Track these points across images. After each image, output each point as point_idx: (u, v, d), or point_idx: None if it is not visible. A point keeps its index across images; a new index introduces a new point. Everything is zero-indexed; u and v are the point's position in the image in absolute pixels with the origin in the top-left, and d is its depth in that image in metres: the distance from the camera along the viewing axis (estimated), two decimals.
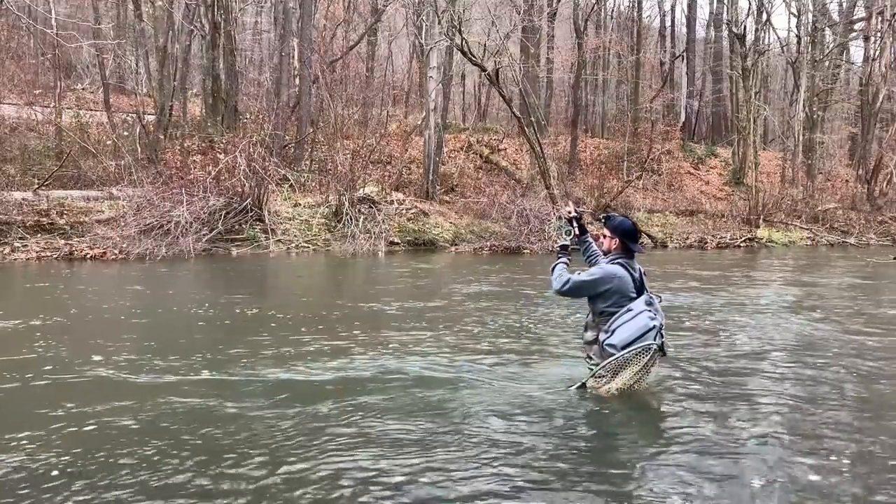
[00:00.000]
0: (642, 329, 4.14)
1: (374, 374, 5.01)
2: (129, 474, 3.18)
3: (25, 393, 4.50)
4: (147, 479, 3.13)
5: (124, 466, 3.27)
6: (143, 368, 5.07)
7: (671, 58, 36.52)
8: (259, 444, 3.58)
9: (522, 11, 24.12)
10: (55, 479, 3.13)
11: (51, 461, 3.33)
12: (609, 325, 4.24)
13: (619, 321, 4.20)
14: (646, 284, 4.41)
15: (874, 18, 31.10)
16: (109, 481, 3.11)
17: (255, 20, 32.54)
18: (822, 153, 31.07)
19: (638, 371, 4.22)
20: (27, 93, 21.24)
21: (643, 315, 4.17)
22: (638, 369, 4.21)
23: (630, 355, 4.16)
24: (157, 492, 3.02)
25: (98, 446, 3.51)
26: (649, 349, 4.17)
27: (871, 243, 24.17)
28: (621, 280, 4.27)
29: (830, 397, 4.63)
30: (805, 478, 3.25)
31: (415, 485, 3.09)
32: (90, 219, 14.75)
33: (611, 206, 21.43)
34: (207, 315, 7.56)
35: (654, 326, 4.17)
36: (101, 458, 3.38)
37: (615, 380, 4.24)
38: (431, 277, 12.13)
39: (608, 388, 4.27)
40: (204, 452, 3.46)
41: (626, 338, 4.14)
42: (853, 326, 7.35)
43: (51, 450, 3.46)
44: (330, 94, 22.11)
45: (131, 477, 3.15)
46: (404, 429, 3.80)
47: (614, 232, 4.42)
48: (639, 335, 4.14)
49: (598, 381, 4.34)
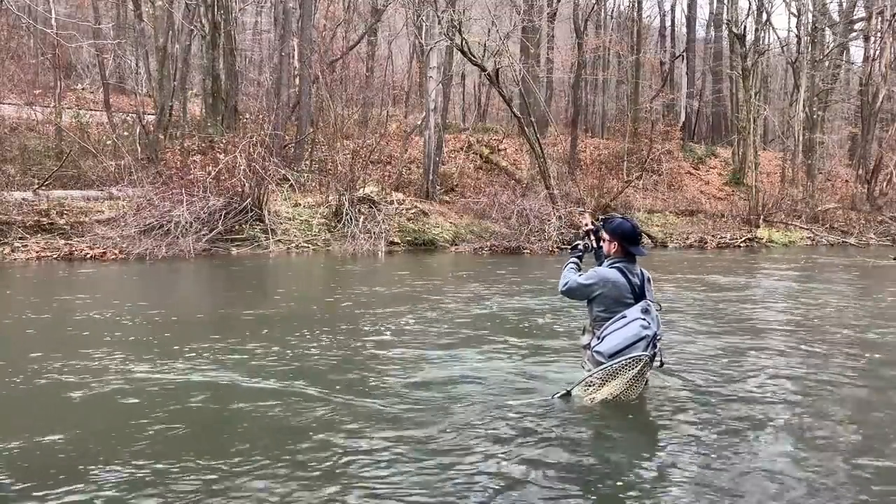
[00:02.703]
0: (632, 338, 3.95)
1: (362, 380, 5.00)
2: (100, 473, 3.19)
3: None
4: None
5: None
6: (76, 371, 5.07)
7: (671, 58, 36.52)
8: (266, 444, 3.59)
9: (522, 11, 24.14)
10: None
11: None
12: (601, 331, 4.09)
13: (610, 328, 4.05)
14: (648, 291, 4.20)
15: (874, 18, 31.10)
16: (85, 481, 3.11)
17: (255, 20, 32.56)
18: (822, 153, 31.06)
19: (626, 382, 4.01)
20: (27, 93, 21.22)
21: (635, 323, 3.99)
22: (626, 380, 4.00)
23: (619, 366, 3.97)
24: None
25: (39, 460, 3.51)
26: (639, 360, 3.97)
27: (871, 243, 24.16)
28: (615, 285, 4.10)
29: (831, 397, 4.63)
30: (807, 478, 3.25)
31: (396, 494, 3.04)
32: (90, 219, 14.75)
33: (611, 206, 21.43)
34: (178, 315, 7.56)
35: (646, 336, 3.98)
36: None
37: (602, 389, 4.06)
38: (432, 278, 12.13)
39: (593, 398, 4.09)
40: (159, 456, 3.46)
41: (614, 346, 3.98)
42: (853, 326, 7.35)
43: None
44: (330, 94, 22.10)
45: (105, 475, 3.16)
46: (388, 436, 3.70)
47: (613, 235, 4.24)
48: (627, 344, 3.95)
49: (585, 390, 4.16)
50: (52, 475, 3.16)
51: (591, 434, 3.85)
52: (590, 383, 4.12)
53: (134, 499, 2.94)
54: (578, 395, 4.19)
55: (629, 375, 3.99)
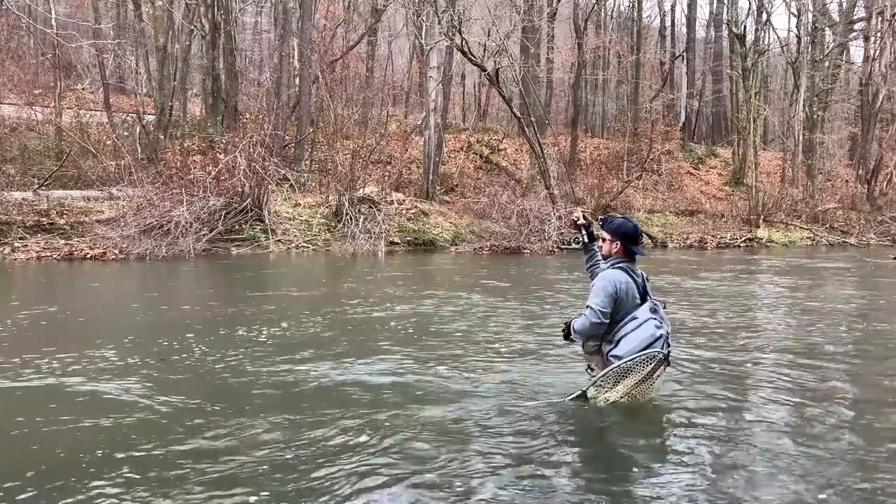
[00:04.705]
0: (648, 339, 3.90)
1: (372, 383, 5.00)
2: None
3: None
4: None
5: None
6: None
7: (671, 58, 36.52)
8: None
9: (522, 11, 24.12)
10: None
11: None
12: (613, 334, 3.99)
13: (623, 330, 3.96)
14: (649, 290, 4.14)
15: (874, 18, 31.10)
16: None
17: (255, 20, 32.60)
18: (822, 153, 31.05)
19: (640, 380, 3.93)
20: (27, 93, 21.23)
21: (649, 324, 3.94)
22: (640, 378, 3.93)
23: (632, 363, 3.91)
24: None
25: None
26: (654, 357, 3.90)
27: (871, 243, 24.16)
28: (627, 286, 4.02)
29: (833, 397, 4.61)
30: (813, 476, 3.25)
31: (405, 496, 3.02)
32: (90, 219, 14.76)
33: (611, 206, 21.43)
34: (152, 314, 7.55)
35: (661, 336, 3.92)
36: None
37: (616, 389, 3.98)
38: (431, 277, 12.13)
39: (607, 398, 4.02)
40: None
41: (632, 349, 3.91)
42: (854, 326, 7.34)
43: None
44: (330, 94, 22.13)
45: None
46: (398, 440, 3.65)
47: (615, 234, 4.15)
48: (645, 346, 3.90)
49: (598, 391, 4.07)
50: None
51: (592, 443, 3.81)
52: (601, 384, 4.04)
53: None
54: (593, 397, 4.11)
55: (643, 373, 3.92)
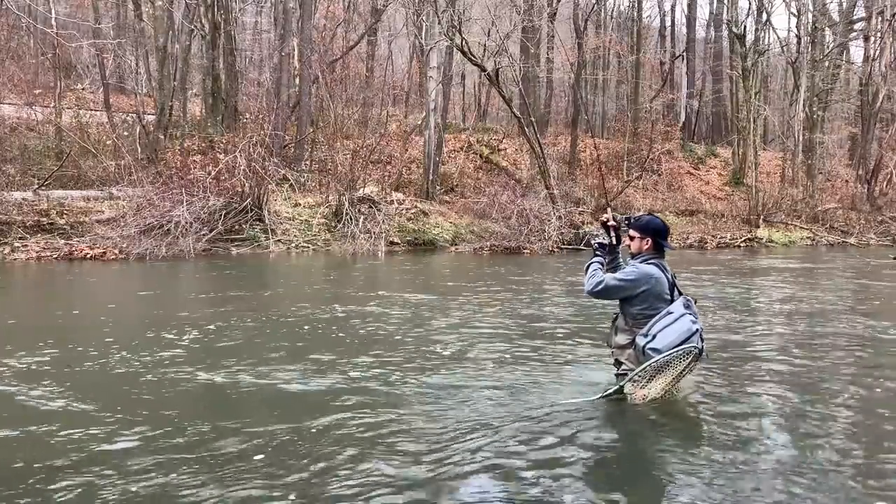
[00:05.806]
0: (685, 333, 3.90)
1: (387, 385, 5.00)
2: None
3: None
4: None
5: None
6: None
7: (671, 58, 36.52)
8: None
9: (522, 11, 24.12)
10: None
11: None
12: (648, 328, 3.97)
13: (659, 324, 3.95)
14: (677, 285, 4.18)
15: (874, 18, 31.09)
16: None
17: (255, 20, 32.58)
18: (822, 153, 31.03)
19: (677, 374, 3.97)
20: (27, 93, 21.22)
21: (685, 318, 3.94)
22: (677, 372, 3.97)
23: (670, 357, 3.90)
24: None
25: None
26: (691, 352, 3.92)
27: (871, 243, 24.15)
28: (658, 281, 4.05)
29: (837, 398, 4.62)
30: (829, 476, 3.24)
31: (426, 494, 3.02)
32: (90, 219, 14.76)
33: (611, 206, 21.38)
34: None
35: (697, 330, 3.94)
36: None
37: (652, 384, 3.98)
38: (431, 277, 12.13)
39: (645, 394, 4.01)
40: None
41: (671, 342, 3.89)
42: (855, 325, 7.34)
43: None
44: (330, 94, 22.14)
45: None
46: (423, 438, 3.65)
47: (644, 231, 4.19)
48: (682, 339, 3.89)
49: (634, 386, 4.05)
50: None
51: (624, 441, 3.76)
52: (637, 379, 4.01)
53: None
54: (629, 392, 4.09)
55: (682, 366, 3.95)
